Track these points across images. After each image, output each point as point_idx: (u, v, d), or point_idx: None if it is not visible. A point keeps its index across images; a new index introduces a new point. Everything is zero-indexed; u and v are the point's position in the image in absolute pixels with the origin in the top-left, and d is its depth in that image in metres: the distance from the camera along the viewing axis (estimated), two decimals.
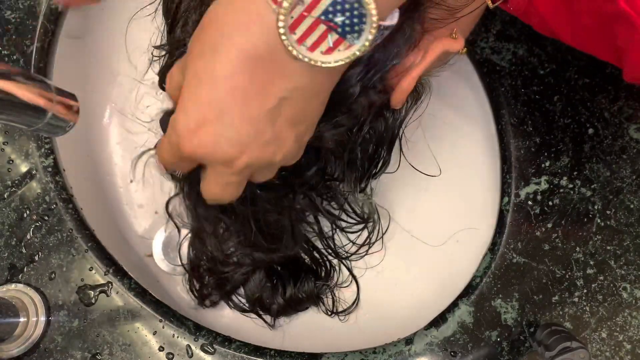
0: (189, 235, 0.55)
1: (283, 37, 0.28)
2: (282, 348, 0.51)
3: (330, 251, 0.56)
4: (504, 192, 0.54)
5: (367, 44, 0.28)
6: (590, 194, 0.53)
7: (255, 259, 0.52)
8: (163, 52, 0.45)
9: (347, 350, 0.51)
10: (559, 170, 0.53)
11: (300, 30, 0.28)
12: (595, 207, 0.53)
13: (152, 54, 0.47)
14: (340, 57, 0.29)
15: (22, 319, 0.49)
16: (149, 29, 0.47)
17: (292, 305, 0.55)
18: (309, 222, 0.54)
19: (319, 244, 0.56)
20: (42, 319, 0.50)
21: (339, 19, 0.27)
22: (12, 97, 0.36)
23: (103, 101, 0.63)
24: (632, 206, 0.53)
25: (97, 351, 0.50)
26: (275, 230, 0.49)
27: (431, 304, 0.54)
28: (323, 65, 0.29)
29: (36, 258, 0.51)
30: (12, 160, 0.53)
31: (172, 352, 0.50)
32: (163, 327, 0.50)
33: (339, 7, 0.27)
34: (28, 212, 0.52)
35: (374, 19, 0.27)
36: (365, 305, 0.58)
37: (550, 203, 0.53)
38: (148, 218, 0.61)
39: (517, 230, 0.53)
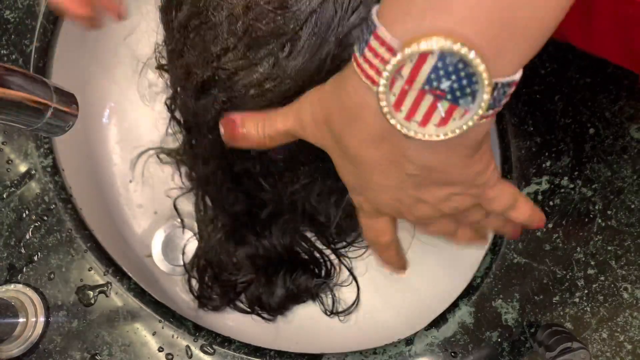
0: (192, 237, 0.55)
1: (389, 117, 0.26)
2: (282, 349, 0.51)
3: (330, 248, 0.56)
4: None
5: (484, 105, 0.25)
6: (591, 194, 0.53)
7: (253, 258, 0.52)
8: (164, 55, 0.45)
9: (347, 351, 0.51)
10: (560, 170, 0.53)
11: (406, 106, 0.26)
12: (596, 207, 0.53)
13: (157, 58, 0.47)
14: (458, 125, 0.26)
15: (21, 320, 0.49)
16: (149, 31, 0.47)
17: (289, 299, 0.55)
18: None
19: (318, 244, 0.56)
20: (42, 319, 0.50)
21: (445, 84, 0.25)
22: (11, 97, 0.36)
23: (102, 101, 0.63)
24: (633, 206, 0.53)
25: (97, 352, 0.50)
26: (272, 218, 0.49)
27: (431, 304, 0.54)
28: (440, 138, 0.26)
29: (35, 258, 0.51)
30: (11, 160, 0.53)
31: (171, 352, 0.50)
32: (162, 328, 0.50)
33: (442, 72, 0.24)
34: (27, 212, 0.52)
35: (484, 75, 0.24)
36: (365, 306, 0.58)
37: (551, 203, 0.53)
38: (147, 218, 0.61)
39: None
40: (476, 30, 0.24)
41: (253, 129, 0.36)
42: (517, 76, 0.26)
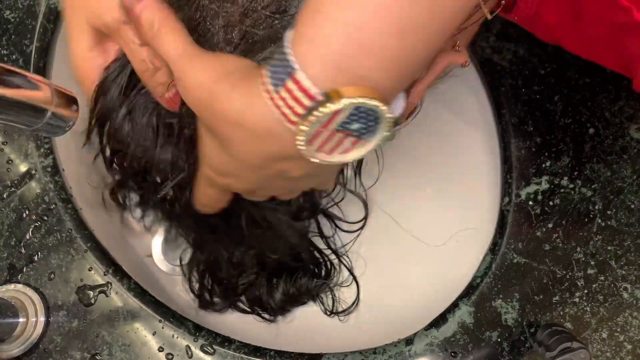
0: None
1: (302, 150, 0.29)
2: (282, 348, 0.51)
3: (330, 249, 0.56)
4: (505, 192, 0.54)
5: (383, 138, 0.29)
6: (590, 194, 0.53)
7: (257, 259, 0.52)
8: None
9: (347, 351, 0.51)
10: (560, 170, 0.53)
11: (317, 142, 0.29)
12: (596, 207, 0.53)
13: None
14: (359, 154, 0.30)
15: (21, 319, 0.49)
16: None
17: (289, 300, 0.55)
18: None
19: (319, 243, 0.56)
20: (42, 319, 0.50)
21: (354, 126, 0.28)
22: (12, 97, 0.36)
23: None
24: (632, 206, 0.53)
25: (97, 351, 0.50)
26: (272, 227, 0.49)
27: (431, 304, 0.54)
28: (341, 162, 0.30)
29: (35, 258, 0.51)
30: (12, 160, 0.53)
31: (171, 352, 0.50)
32: (162, 328, 0.50)
33: (354, 118, 0.28)
34: (27, 212, 0.52)
35: (389, 117, 0.28)
36: (365, 306, 0.58)
37: (550, 203, 0.53)
38: (148, 218, 0.61)
39: (518, 231, 0.53)
40: (386, 77, 0.27)
41: (146, 23, 0.33)
42: (400, 108, 0.31)
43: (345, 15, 0.25)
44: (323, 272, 0.57)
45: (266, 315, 0.56)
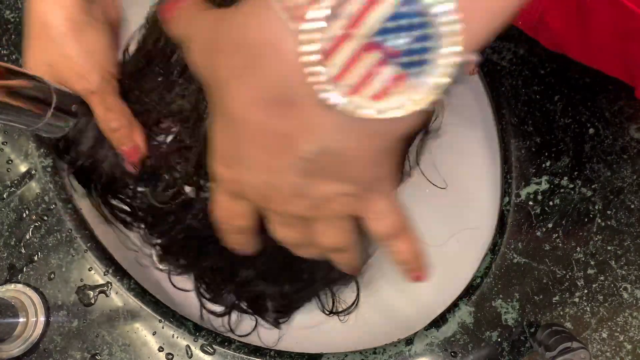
0: None
1: (309, 70, 0.19)
2: (282, 348, 0.51)
3: None
4: (505, 192, 0.54)
5: (443, 82, 0.18)
6: (590, 194, 0.53)
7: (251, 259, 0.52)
8: None
9: (347, 351, 0.51)
10: (560, 170, 0.53)
11: (339, 60, 0.18)
12: (596, 207, 0.53)
13: None
14: (401, 102, 0.18)
15: (21, 319, 0.49)
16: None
17: (288, 303, 0.55)
18: None
19: None
20: (42, 319, 0.50)
21: (400, 41, 0.17)
22: (12, 98, 0.36)
23: None
24: (632, 206, 0.53)
25: (97, 351, 0.50)
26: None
27: (431, 304, 0.54)
28: (371, 115, 0.19)
29: (35, 258, 0.51)
30: (12, 160, 0.53)
31: (171, 352, 0.50)
32: (163, 328, 0.50)
33: (402, 22, 0.17)
34: (27, 212, 0.52)
35: (457, 39, 0.17)
36: (365, 306, 0.58)
37: (550, 203, 0.53)
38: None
39: (518, 231, 0.53)
40: None
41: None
42: (475, 56, 0.19)
43: None
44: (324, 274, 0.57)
45: (269, 319, 0.56)
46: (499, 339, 0.51)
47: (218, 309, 0.57)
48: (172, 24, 0.29)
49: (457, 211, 0.59)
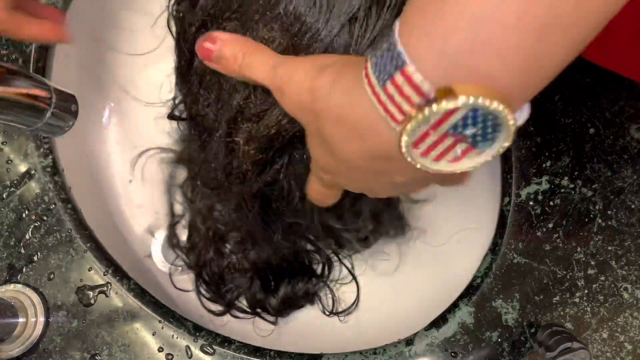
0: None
1: (405, 154, 0.25)
2: (282, 349, 0.51)
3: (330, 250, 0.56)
4: (505, 192, 0.54)
5: (501, 150, 0.25)
6: (591, 194, 0.53)
7: (253, 259, 0.52)
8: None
9: (347, 351, 0.51)
10: (560, 170, 0.53)
11: (424, 145, 0.25)
12: (596, 207, 0.53)
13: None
14: (471, 164, 0.26)
15: (21, 320, 0.49)
16: (148, 30, 0.47)
17: (286, 305, 0.55)
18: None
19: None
20: (41, 319, 0.50)
21: (469, 131, 0.24)
22: (12, 97, 0.36)
23: (102, 101, 0.63)
24: (633, 206, 0.53)
25: (96, 352, 0.50)
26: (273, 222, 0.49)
27: (432, 304, 0.54)
28: (448, 171, 0.27)
29: (35, 258, 0.51)
30: (11, 160, 0.53)
31: (171, 352, 0.50)
32: (162, 328, 0.50)
33: (470, 121, 0.24)
34: (27, 212, 0.52)
35: (511, 124, 0.24)
36: (365, 306, 0.58)
37: (551, 203, 0.53)
38: (147, 218, 0.61)
39: (518, 231, 0.53)
40: (514, 79, 0.23)
41: (231, 57, 0.34)
42: (526, 115, 0.26)
43: (474, 8, 0.22)
44: (319, 270, 0.57)
45: (267, 317, 0.56)
46: (499, 339, 0.51)
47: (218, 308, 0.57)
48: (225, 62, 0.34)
49: (458, 211, 0.59)
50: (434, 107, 0.23)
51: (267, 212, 0.47)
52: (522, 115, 0.26)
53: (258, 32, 0.34)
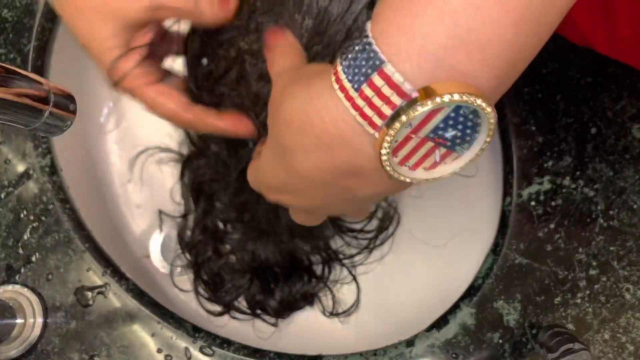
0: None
1: (385, 163, 0.24)
2: (281, 350, 0.51)
3: (330, 252, 0.56)
4: (506, 192, 0.54)
5: (479, 153, 0.25)
6: (593, 194, 0.53)
7: (252, 258, 0.52)
8: None
9: (347, 352, 0.51)
10: (562, 170, 0.53)
11: (403, 152, 0.24)
12: (598, 207, 0.53)
13: None
14: (446, 171, 0.25)
15: (19, 321, 0.49)
16: None
17: (285, 306, 0.55)
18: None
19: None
20: (40, 320, 0.50)
21: (450, 133, 0.23)
22: (9, 97, 0.36)
23: (100, 100, 0.62)
24: (635, 206, 0.52)
25: (95, 353, 0.49)
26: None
27: (432, 305, 0.54)
28: (423, 179, 0.25)
29: (33, 259, 0.51)
30: (9, 160, 0.53)
31: (170, 354, 0.50)
32: (161, 329, 0.50)
33: (451, 122, 0.23)
34: (25, 212, 0.52)
35: (492, 123, 0.23)
36: (365, 307, 0.57)
37: (552, 203, 0.53)
38: (146, 218, 0.61)
39: (520, 231, 0.53)
40: (492, 75, 0.22)
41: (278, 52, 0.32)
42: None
43: (456, 1, 0.21)
44: (319, 271, 0.56)
45: (267, 318, 0.55)
46: (500, 341, 0.51)
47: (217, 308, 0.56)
48: (269, 53, 0.33)
49: (459, 211, 0.59)
50: (419, 107, 0.22)
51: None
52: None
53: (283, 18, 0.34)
